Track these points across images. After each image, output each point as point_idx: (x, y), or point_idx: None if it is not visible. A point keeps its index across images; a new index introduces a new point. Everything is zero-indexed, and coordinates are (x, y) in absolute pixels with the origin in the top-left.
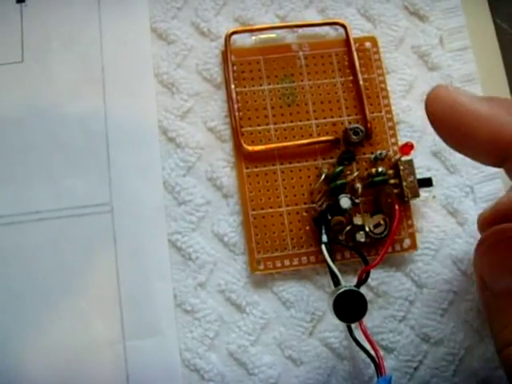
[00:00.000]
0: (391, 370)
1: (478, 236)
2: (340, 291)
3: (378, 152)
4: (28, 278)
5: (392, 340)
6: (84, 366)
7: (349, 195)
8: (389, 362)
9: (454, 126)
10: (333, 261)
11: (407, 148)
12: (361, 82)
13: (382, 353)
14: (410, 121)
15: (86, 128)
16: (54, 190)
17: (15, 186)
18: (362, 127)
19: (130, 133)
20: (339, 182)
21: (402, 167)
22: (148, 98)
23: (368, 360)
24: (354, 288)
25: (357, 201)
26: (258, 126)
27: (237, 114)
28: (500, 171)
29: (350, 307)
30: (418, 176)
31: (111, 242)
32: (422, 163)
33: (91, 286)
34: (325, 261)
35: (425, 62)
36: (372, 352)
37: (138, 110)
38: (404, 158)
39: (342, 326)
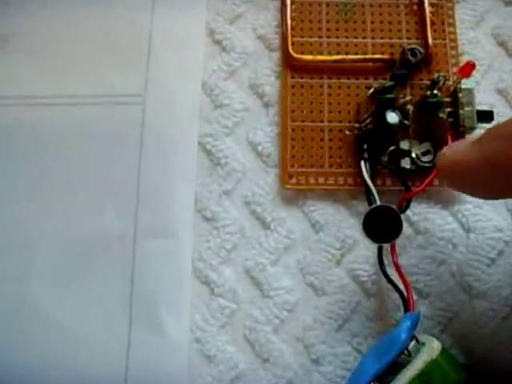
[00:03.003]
0: (422, 317)
1: None
2: (373, 207)
3: (436, 75)
4: (53, 161)
5: (428, 284)
6: (94, 258)
7: (396, 111)
8: (421, 308)
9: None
10: (371, 180)
11: (468, 68)
12: (426, 6)
13: (415, 297)
14: (475, 53)
15: (131, 21)
16: (91, 76)
17: (53, 68)
18: (421, 48)
19: (175, 30)
20: (388, 95)
21: (460, 94)
22: None
23: (399, 302)
24: (388, 205)
25: (406, 122)
26: (310, 37)
27: (289, 21)
28: None
29: (382, 226)
30: (481, 108)
31: (137, 136)
32: (485, 100)
33: (111, 177)
34: (362, 178)
35: None
36: (401, 287)
37: (186, 9)
38: (464, 86)
39: (373, 258)
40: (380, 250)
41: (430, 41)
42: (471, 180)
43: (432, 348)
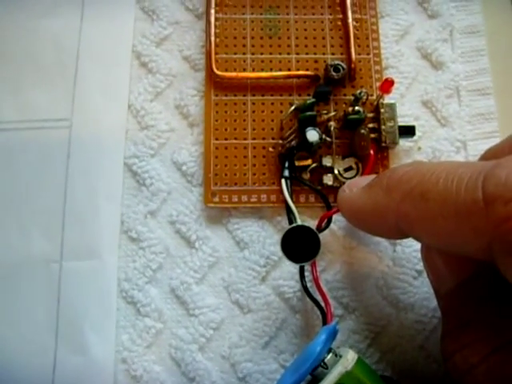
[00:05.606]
0: (349, 332)
1: None
2: (290, 227)
3: (358, 91)
4: None
5: (354, 298)
6: (19, 280)
7: (317, 129)
8: (348, 323)
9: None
10: (292, 198)
11: (387, 84)
12: (350, 21)
13: (341, 312)
14: (399, 66)
15: (58, 44)
16: (18, 101)
17: None
18: (343, 64)
19: (102, 54)
20: (308, 113)
21: (382, 110)
22: (126, 22)
23: None
24: (306, 224)
25: (328, 139)
26: (235, 54)
27: (213, 38)
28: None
29: (301, 246)
30: (403, 124)
31: (64, 158)
32: (410, 112)
33: (38, 200)
34: (283, 196)
35: (424, 9)
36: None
37: (113, 33)
38: (386, 101)
39: (298, 274)
40: (302, 266)
41: (354, 56)
42: (363, 221)
43: (347, 359)
